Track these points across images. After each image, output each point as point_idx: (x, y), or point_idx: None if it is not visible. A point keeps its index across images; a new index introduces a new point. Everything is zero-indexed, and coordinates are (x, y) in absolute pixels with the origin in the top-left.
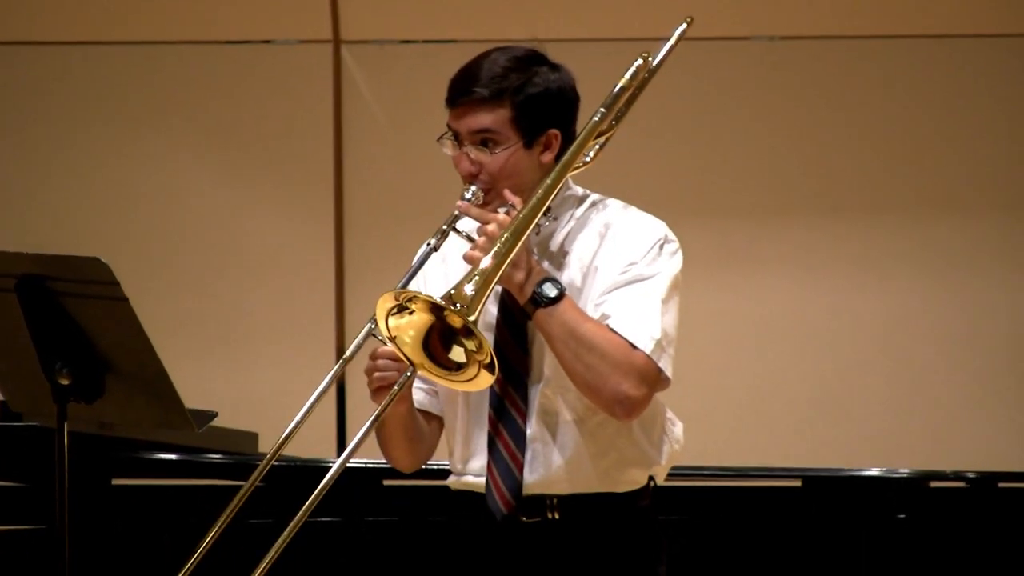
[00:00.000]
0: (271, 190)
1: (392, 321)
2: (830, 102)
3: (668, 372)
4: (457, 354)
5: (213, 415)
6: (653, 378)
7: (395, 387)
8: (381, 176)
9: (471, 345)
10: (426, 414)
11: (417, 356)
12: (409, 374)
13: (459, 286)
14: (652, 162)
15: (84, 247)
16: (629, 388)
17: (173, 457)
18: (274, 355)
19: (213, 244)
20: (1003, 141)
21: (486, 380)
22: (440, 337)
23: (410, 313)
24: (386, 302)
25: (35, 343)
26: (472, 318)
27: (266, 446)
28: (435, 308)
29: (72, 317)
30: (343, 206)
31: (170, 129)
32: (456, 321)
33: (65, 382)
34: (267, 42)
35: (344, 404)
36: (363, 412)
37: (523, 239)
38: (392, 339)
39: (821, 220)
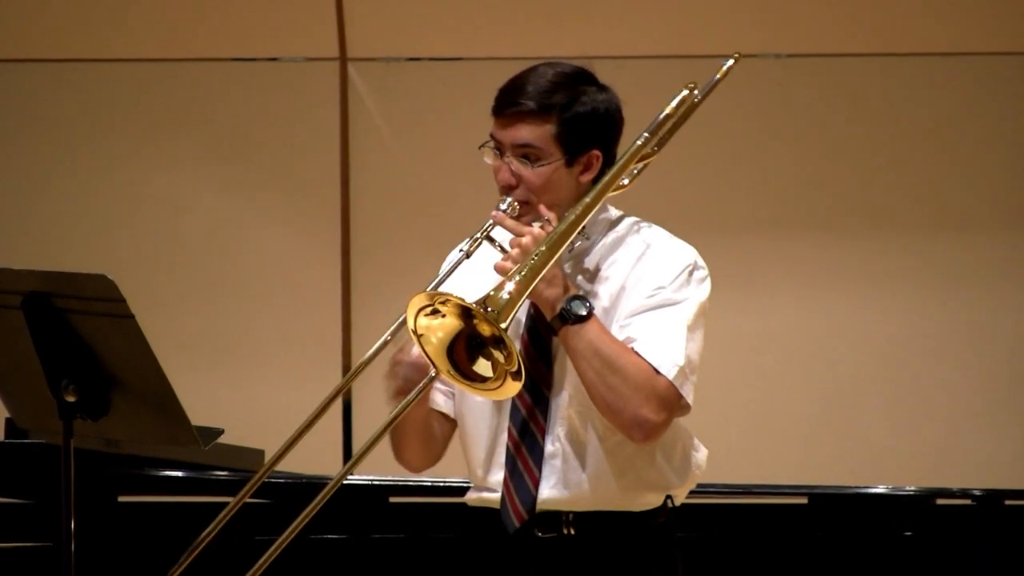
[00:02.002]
0: (278, 207)
1: (422, 320)
2: (836, 120)
3: (689, 399)
4: (482, 367)
5: (219, 432)
6: (673, 404)
7: (413, 393)
8: (387, 193)
9: (499, 355)
10: (441, 415)
11: (440, 359)
12: (431, 376)
13: (492, 293)
14: (657, 178)
15: (90, 263)
16: (649, 412)
17: (179, 474)
18: (280, 372)
19: (220, 261)
20: (1008, 159)
21: (512, 389)
22: (466, 346)
23: (441, 316)
24: (419, 301)
25: (41, 360)
26: (504, 325)
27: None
28: (466, 313)
29: (78, 334)
30: (350, 223)
31: (178, 146)
32: (485, 329)
33: (71, 399)
34: (274, 59)
35: (351, 420)
36: (370, 428)
37: (558, 254)
38: (418, 337)
39: (827, 237)
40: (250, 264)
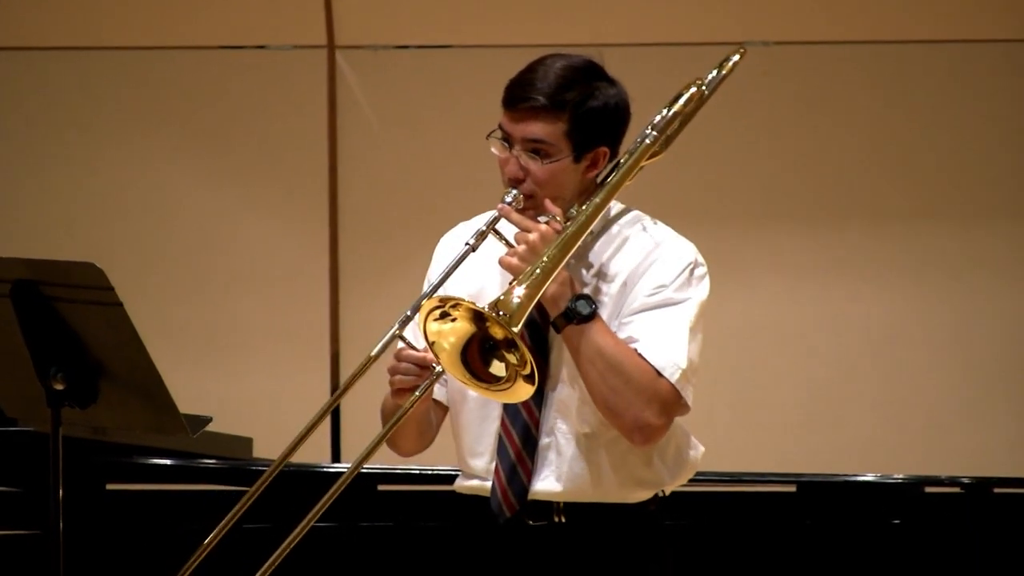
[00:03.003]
0: (266, 196)
1: (432, 325)
2: (823, 107)
3: (689, 401)
4: (497, 368)
5: (207, 420)
6: (674, 407)
7: (416, 392)
8: (375, 181)
9: (512, 357)
10: (436, 403)
11: (454, 365)
12: (434, 375)
13: (505, 296)
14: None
15: (77, 252)
16: (651, 416)
17: (167, 462)
18: (268, 361)
19: (208, 250)
20: (994, 148)
21: (524, 391)
22: (479, 348)
23: (452, 320)
24: (429, 304)
25: (29, 348)
26: (516, 329)
27: (260, 451)
28: (478, 317)
29: (66, 322)
30: (337, 211)
31: (165, 134)
32: (498, 332)
33: (59, 387)
34: (261, 47)
35: (339, 410)
36: (358, 418)
37: (568, 256)
38: (430, 344)
39: (814, 226)
40: (237, 253)
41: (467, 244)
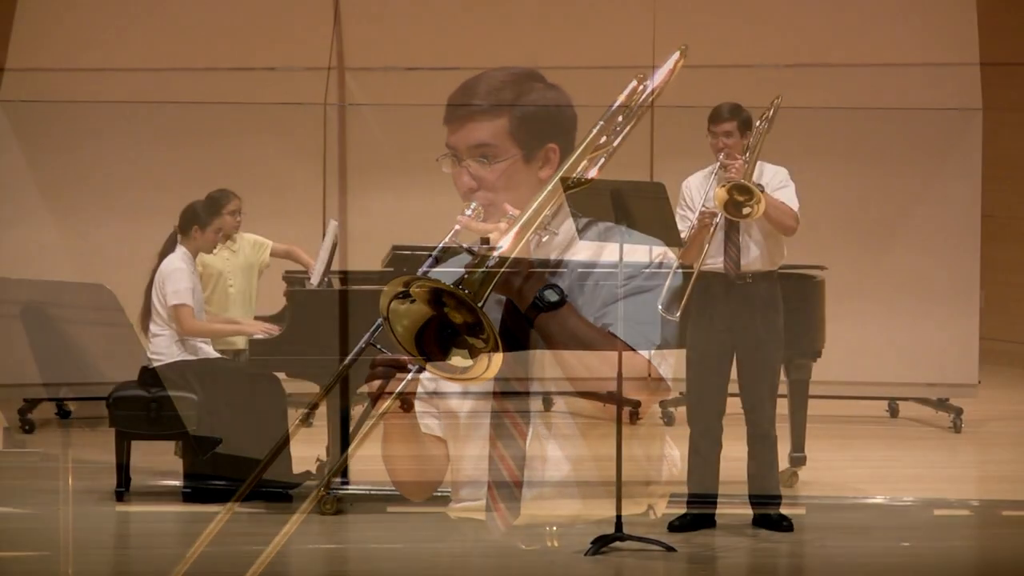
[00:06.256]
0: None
1: (392, 304)
2: (833, 130)
3: (668, 379)
4: (457, 360)
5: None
6: (654, 383)
7: (400, 388)
8: (383, 202)
9: (476, 341)
10: (436, 439)
11: (408, 344)
12: (415, 369)
13: (467, 276)
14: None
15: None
16: (631, 392)
17: None
18: None
19: None
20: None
21: (496, 365)
22: (437, 338)
23: (411, 301)
24: (394, 287)
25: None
26: (480, 304)
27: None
28: (437, 299)
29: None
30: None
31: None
32: (457, 317)
33: None
34: (271, 69)
35: (346, 428)
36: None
37: (526, 237)
38: (386, 319)
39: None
40: None
41: (432, 257)
